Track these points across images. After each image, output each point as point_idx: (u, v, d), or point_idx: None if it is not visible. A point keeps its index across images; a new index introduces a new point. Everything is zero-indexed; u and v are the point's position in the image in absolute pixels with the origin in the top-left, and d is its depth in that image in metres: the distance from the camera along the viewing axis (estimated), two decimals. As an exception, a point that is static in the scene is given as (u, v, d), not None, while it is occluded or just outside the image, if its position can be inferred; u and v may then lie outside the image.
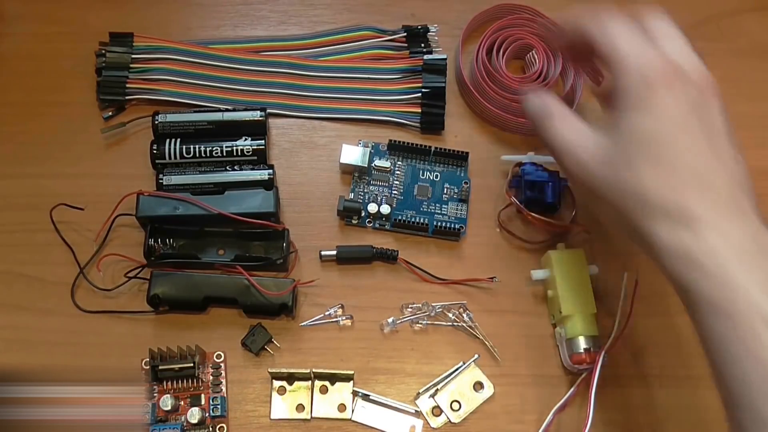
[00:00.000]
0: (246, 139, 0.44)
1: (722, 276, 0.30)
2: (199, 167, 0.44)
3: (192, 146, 0.44)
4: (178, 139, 0.44)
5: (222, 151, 0.44)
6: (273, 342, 0.41)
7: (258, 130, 0.45)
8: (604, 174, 0.34)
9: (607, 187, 0.34)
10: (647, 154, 0.33)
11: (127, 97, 0.47)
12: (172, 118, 0.45)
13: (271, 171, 0.44)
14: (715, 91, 0.34)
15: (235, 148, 0.44)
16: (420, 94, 0.47)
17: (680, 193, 0.32)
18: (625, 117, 0.34)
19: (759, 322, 0.29)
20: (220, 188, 0.43)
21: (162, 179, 0.43)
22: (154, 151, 0.44)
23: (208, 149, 0.44)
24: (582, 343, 0.40)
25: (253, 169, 0.44)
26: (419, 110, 0.47)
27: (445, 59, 0.48)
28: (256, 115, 0.45)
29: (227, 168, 0.44)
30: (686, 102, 0.33)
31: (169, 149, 0.44)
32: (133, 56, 0.47)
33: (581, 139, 0.36)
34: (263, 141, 0.45)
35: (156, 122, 0.45)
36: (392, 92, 0.48)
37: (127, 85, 0.47)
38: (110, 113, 0.47)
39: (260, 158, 0.44)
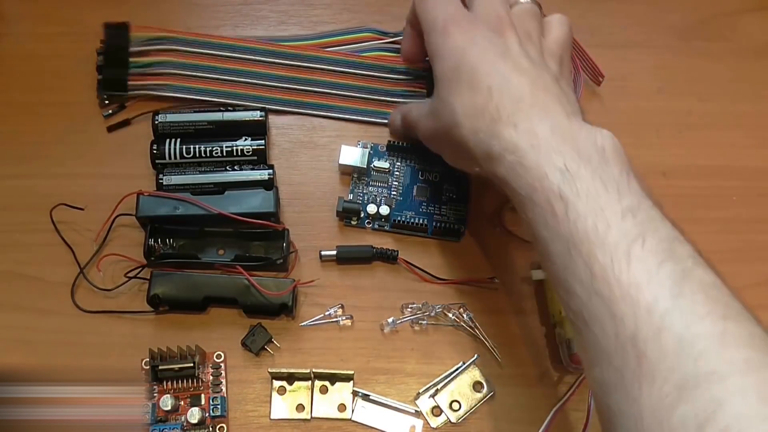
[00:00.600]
0: (246, 139, 0.44)
1: (523, 167, 0.32)
2: (199, 167, 0.44)
3: (192, 146, 0.44)
4: (178, 139, 0.44)
5: (222, 151, 0.44)
6: (273, 342, 0.41)
7: (258, 130, 0.45)
8: (435, 123, 0.39)
9: (442, 132, 0.38)
10: (454, 88, 0.36)
11: (129, 92, 0.46)
12: (172, 118, 0.45)
13: (271, 171, 0.44)
14: (514, 30, 0.37)
15: (235, 148, 0.44)
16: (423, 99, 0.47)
17: (483, 107, 0.35)
18: (435, 67, 0.38)
19: (554, 199, 0.31)
20: (220, 188, 0.43)
21: (162, 179, 0.43)
22: (154, 151, 0.44)
23: (208, 149, 0.44)
24: (582, 343, 0.40)
25: (253, 169, 0.44)
26: None
27: None
28: (256, 115, 0.45)
29: (227, 168, 0.44)
30: (481, 37, 0.37)
31: (169, 149, 0.44)
32: (132, 49, 0.47)
33: (421, 109, 0.42)
34: (263, 141, 0.45)
35: (156, 122, 0.45)
36: (395, 93, 0.48)
37: (129, 81, 0.46)
38: (110, 111, 0.47)
39: (260, 158, 0.44)
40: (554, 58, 0.38)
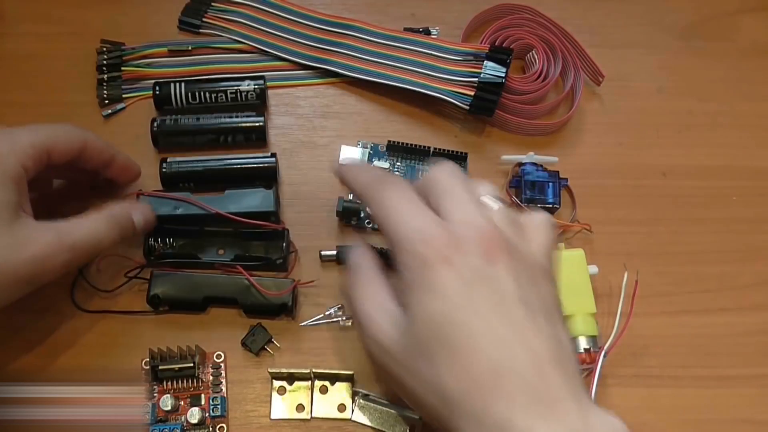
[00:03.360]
0: (249, 83, 0.46)
1: None
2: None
3: (197, 91, 0.46)
4: (182, 89, 0.46)
5: (226, 97, 0.46)
6: (273, 342, 0.41)
7: (258, 132, 0.45)
8: (402, 361, 0.31)
9: (407, 376, 0.31)
10: (440, 342, 0.29)
11: (200, 29, 0.50)
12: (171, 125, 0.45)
13: (273, 159, 0.44)
14: (503, 249, 0.31)
15: (238, 92, 0.46)
16: (476, 79, 0.47)
17: (481, 391, 0.28)
18: (412, 298, 0.31)
19: None
20: (221, 181, 0.43)
21: (164, 167, 0.43)
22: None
23: (211, 96, 0.46)
24: (582, 343, 0.40)
25: (256, 157, 0.45)
26: (472, 93, 0.46)
27: (512, 51, 0.48)
28: (255, 121, 0.46)
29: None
30: (468, 276, 0.30)
31: (175, 95, 0.46)
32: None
33: (383, 320, 0.32)
34: (262, 82, 0.46)
35: (154, 129, 0.45)
36: (449, 72, 0.47)
37: (204, 19, 0.50)
38: (110, 111, 0.47)
39: (260, 110, 0.46)
40: (546, 278, 0.32)
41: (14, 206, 0.33)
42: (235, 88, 0.46)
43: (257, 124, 0.45)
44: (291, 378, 0.40)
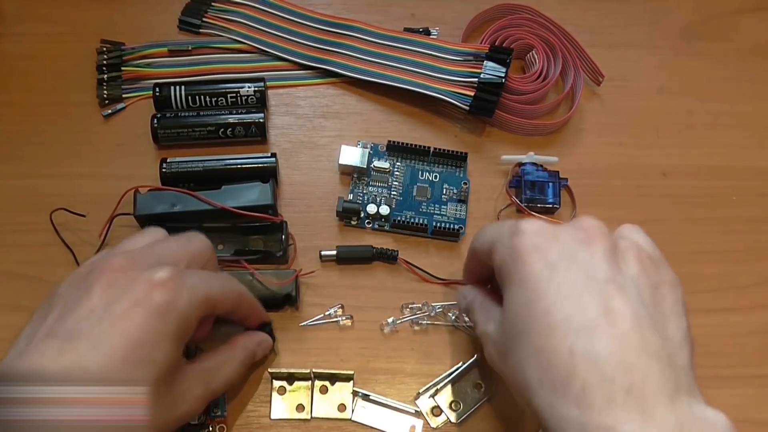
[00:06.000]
0: (249, 87, 0.46)
1: None
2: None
3: (197, 94, 0.46)
4: (181, 89, 0.46)
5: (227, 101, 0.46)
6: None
7: (259, 131, 0.45)
8: (499, 362, 0.32)
9: (505, 376, 0.32)
10: (523, 334, 0.29)
11: (200, 29, 0.50)
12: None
13: (273, 159, 0.44)
14: (601, 235, 0.30)
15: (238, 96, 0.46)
16: (476, 79, 0.47)
17: (564, 379, 0.27)
18: (505, 293, 0.31)
19: None
20: (221, 179, 0.43)
21: (164, 167, 0.43)
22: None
23: (211, 99, 0.46)
24: (582, 343, 0.40)
25: (256, 157, 0.44)
26: (472, 93, 0.46)
27: (512, 51, 0.48)
28: (254, 117, 0.45)
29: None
30: (555, 259, 0.29)
31: (175, 98, 0.46)
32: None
33: (488, 326, 0.34)
34: (262, 84, 0.47)
35: (155, 125, 0.45)
36: (449, 72, 0.48)
37: (204, 19, 0.50)
38: (110, 111, 0.47)
39: (260, 106, 0.46)
40: (658, 265, 0.31)
41: (178, 362, 0.33)
42: (235, 91, 0.46)
43: (257, 117, 0.45)
44: (291, 378, 0.40)
